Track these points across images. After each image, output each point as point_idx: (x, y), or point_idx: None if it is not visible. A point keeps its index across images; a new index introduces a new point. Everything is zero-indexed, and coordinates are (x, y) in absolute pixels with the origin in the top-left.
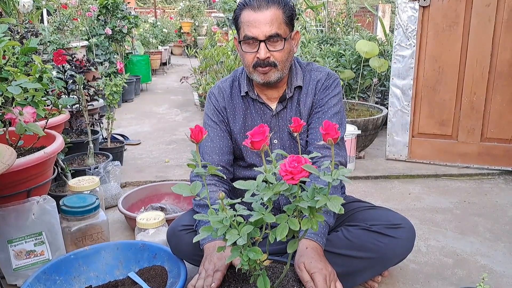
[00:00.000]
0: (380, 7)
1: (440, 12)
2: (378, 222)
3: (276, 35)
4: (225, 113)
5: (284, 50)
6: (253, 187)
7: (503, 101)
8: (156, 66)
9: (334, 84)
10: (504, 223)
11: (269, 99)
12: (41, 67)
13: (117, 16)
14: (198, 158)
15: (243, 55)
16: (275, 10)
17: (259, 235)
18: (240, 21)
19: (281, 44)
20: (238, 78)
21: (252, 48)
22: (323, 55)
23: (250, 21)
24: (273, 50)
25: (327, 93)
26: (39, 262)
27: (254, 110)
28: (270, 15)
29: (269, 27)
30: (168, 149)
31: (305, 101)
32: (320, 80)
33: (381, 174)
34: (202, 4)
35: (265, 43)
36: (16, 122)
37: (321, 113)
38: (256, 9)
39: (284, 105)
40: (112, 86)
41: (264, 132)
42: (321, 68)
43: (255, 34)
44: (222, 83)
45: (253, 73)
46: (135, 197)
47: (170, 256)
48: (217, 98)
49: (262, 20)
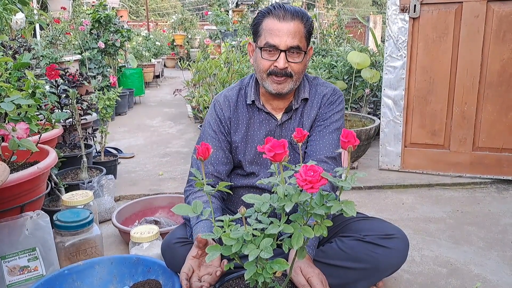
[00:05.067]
0: (371, 18)
1: (430, 24)
2: (372, 232)
3: (297, 47)
4: (229, 123)
5: (301, 63)
6: (265, 199)
7: (494, 111)
8: (149, 79)
9: (339, 101)
10: (497, 231)
11: (274, 109)
12: (34, 83)
13: (110, 29)
14: (203, 175)
15: (260, 61)
16: (298, 24)
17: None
18: (262, 28)
19: (300, 57)
20: (245, 87)
21: (271, 56)
22: (315, 66)
23: (274, 29)
24: (292, 62)
25: (331, 108)
26: (32, 278)
27: (259, 120)
28: (294, 27)
29: (292, 39)
30: (162, 162)
31: (309, 114)
32: (326, 95)
33: (374, 184)
34: (194, 17)
35: (285, 54)
36: (9, 138)
37: (322, 127)
38: (281, 19)
39: (290, 116)
40: (105, 99)
41: (284, 145)
42: (327, 84)
43: (277, 43)
44: (228, 91)
45: (265, 80)
46: (129, 211)
47: (164, 269)
48: (222, 107)
49: (286, 31)
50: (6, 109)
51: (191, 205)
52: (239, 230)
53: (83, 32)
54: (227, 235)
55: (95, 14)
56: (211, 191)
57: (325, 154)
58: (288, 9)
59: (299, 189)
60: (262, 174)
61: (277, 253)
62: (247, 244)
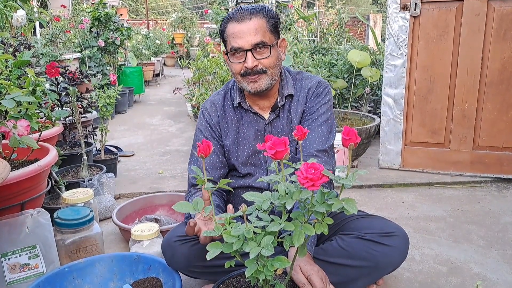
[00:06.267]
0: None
1: (431, 22)
2: (372, 230)
3: (262, 42)
4: (218, 127)
5: (271, 57)
6: (266, 197)
7: (494, 110)
8: (149, 78)
9: (325, 92)
10: (497, 230)
11: (261, 108)
12: (35, 80)
13: (109, 28)
14: (204, 173)
15: (231, 66)
16: (258, 20)
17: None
18: (226, 34)
19: (267, 51)
20: (230, 90)
21: (239, 59)
22: (315, 65)
23: (235, 32)
24: (260, 58)
25: (318, 101)
26: (33, 275)
27: (247, 121)
28: (254, 25)
29: (254, 36)
30: (162, 160)
31: (296, 109)
32: (311, 88)
33: (374, 183)
34: (194, 15)
35: (252, 52)
36: (10, 135)
37: (311, 121)
38: (239, 20)
39: (277, 114)
40: (105, 98)
41: (285, 143)
42: (311, 77)
43: (241, 45)
44: (214, 97)
45: (242, 82)
46: (129, 209)
47: (165, 267)
48: (210, 113)
49: (246, 30)
50: (7, 106)
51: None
52: (240, 228)
53: (83, 30)
54: (228, 232)
55: (95, 12)
56: (212, 188)
57: (315, 148)
58: (246, 9)
59: (300, 187)
60: (257, 174)
61: (277, 251)
62: (248, 242)
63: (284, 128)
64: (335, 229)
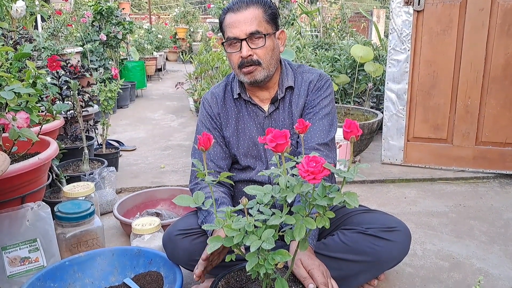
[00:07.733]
0: (375, 12)
1: (434, 17)
2: (374, 225)
3: (256, 32)
4: (219, 118)
5: (266, 47)
6: (267, 191)
7: (497, 105)
8: (151, 72)
9: (326, 85)
10: (500, 226)
11: (261, 100)
12: (35, 73)
13: (111, 22)
14: (205, 166)
15: (229, 57)
16: (254, 10)
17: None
18: (224, 25)
19: (262, 41)
20: (231, 82)
21: (235, 49)
22: (318, 60)
23: (231, 22)
24: (255, 48)
25: (319, 94)
26: (33, 269)
27: (247, 113)
28: (250, 14)
29: (249, 25)
30: (164, 154)
31: (297, 102)
32: (312, 81)
33: (376, 178)
34: (197, 10)
35: (247, 42)
36: (10, 127)
37: (312, 114)
38: (236, 11)
39: (276, 106)
40: (106, 92)
41: (286, 135)
42: (312, 70)
43: (236, 34)
44: (215, 89)
45: (239, 74)
46: (131, 203)
47: (166, 261)
48: (210, 104)
49: (242, 20)
50: (6, 98)
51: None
52: (241, 221)
53: (84, 24)
54: (229, 226)
55: (97, 6)
56: (212, 182)
57: (316, 142)
58: (243, 0)
59: (301, 180)
60: (258, 167)
61: (278, 245)
62: (249, 235)
63: (285, 121)
64: (337, 224)
